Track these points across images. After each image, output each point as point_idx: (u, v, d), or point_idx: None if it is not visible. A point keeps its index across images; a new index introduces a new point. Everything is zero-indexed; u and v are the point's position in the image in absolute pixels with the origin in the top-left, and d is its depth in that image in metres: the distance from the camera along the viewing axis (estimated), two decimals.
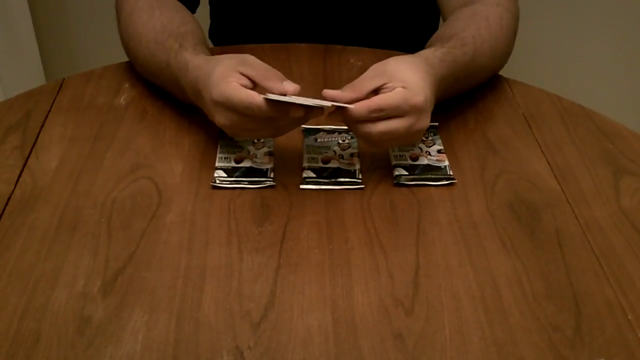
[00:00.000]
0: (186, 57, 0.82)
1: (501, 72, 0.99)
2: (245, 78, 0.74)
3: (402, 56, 0.79)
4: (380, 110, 0.72)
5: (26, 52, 1.64)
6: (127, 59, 0.99)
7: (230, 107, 0.74)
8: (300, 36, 1.07)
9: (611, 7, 1.69)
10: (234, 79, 0.74)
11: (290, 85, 0.73)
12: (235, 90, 0.73)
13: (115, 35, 0.96)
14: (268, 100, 0.71)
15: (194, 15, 1.03)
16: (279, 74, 0.76)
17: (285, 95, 0.73)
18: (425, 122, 0.75)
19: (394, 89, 0.73)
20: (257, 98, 0.71)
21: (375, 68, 0.77)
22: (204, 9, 1.09)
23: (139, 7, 0.92)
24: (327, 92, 0.74)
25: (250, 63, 0.76)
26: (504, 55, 0.93)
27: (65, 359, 0.59)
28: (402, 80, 0.74)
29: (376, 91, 0.74)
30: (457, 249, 0.71)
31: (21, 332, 0.61)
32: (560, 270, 0.69)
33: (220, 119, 0.76)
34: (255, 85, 0.75)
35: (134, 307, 0.64)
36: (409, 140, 0.77)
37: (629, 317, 0.64)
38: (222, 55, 0.79)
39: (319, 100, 0.73)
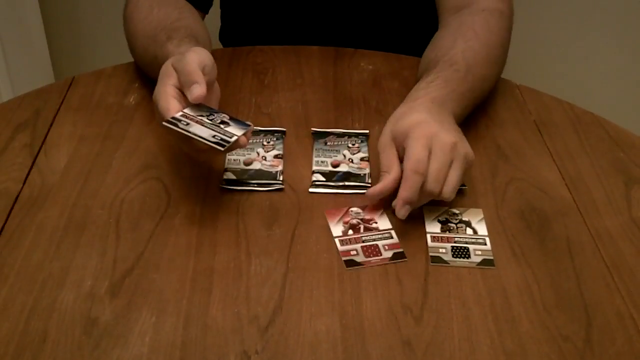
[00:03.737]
0: (169, 48, 0.81)
1: (512, 78, 0.98)
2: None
3: (393, 117, 0.78)
4: (418, 170, 0.70)
5: (36, 50, 1.64)
6: None
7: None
8: (310, 39, 1.06)
9: (628, 15, 1.68)
10: (172, 80, 0.72)
11: (195, 91, 0.70)
12: (160, 94, 0.72)
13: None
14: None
15: (206, 15, 1.03)
16: (194, 76, 0.70)
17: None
18: (445, 135, 0.73)
19: (405, 147, 0.72)
20: (165, 115, 0.70)
21: (383, 142, 0.75)
22: (214, 11, 1.09)
23: (139, 6, 0.92)
24: (371, 192, 0.73)
25: (180, 63, 0.72)
26: (502, 56, 0.92)
27: None
28: (403, 134, 0.73)
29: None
30: None
31: (28, 332, 0.61)
32: (571, 280, 0.68)
33: (156, 118, 0.75)
34: None
35: (141, 308, 0.64)
36: (464, 161, 0.74)
37: None
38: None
39: (234, 131, 0.70)
